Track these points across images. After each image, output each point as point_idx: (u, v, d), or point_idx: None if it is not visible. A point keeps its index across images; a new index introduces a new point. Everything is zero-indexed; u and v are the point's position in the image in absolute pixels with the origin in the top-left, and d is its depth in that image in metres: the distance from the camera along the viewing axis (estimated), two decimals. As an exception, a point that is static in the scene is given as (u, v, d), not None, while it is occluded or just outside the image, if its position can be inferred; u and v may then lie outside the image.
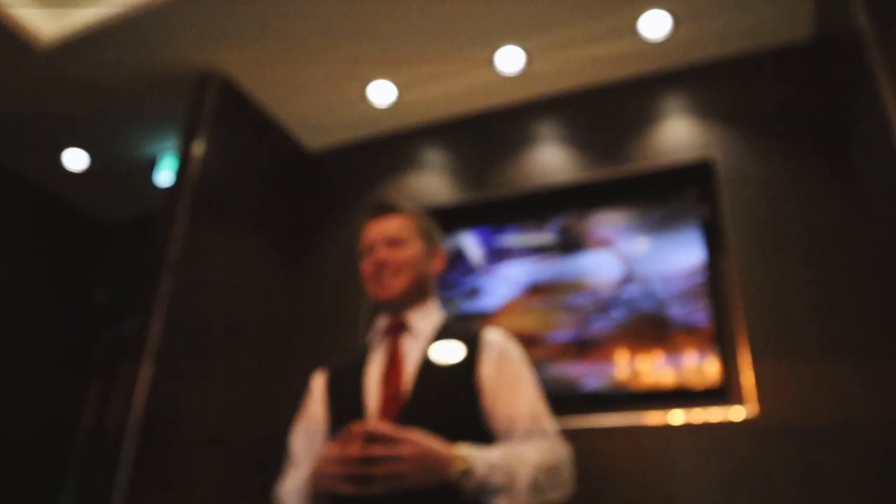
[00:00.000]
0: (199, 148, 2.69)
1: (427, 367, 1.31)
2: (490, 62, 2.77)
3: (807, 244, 2.24)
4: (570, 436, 2.37)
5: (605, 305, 2.47)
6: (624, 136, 2.72)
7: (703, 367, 2.24)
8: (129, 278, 3.59)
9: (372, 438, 1.08)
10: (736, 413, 2.12)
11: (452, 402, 1.26)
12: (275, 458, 2.67)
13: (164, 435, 2.32)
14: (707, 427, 2.14)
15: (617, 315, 2.44)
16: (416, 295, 1.44)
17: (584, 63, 2.77)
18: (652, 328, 2.36)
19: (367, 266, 1.45)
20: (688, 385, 2.24)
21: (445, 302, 2.60)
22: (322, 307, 2.96)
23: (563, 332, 2.48)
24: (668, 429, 2.20)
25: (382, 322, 1.46)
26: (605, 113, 2.81)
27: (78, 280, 3.79)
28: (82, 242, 3.91)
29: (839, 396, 2.00)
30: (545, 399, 1.34)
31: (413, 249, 1.45)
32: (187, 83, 2.87)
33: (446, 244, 2.78)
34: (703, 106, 2.63)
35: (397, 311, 1.43)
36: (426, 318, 1.43)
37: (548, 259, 2.64)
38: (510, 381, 1.29)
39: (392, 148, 3.18)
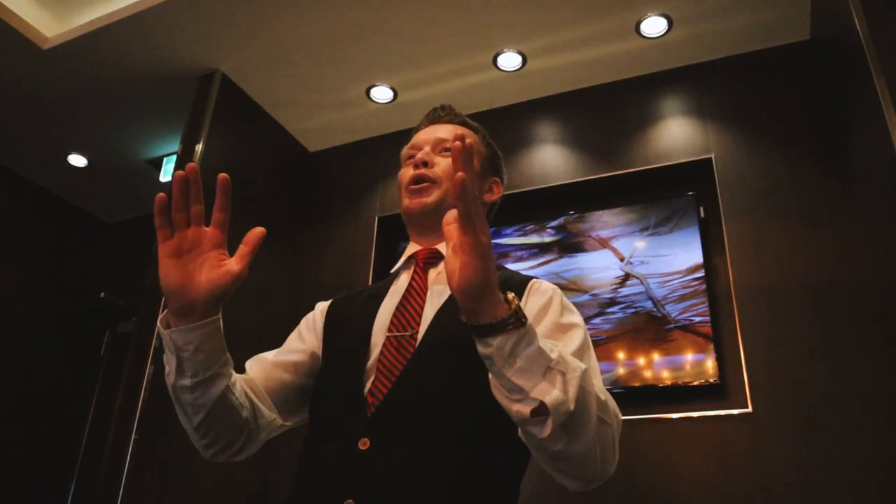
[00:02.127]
0: (200, 147, 2.70)
1: (452, 305, 0.99)
2: (490, 63, 2.78)
3: (804, 243, 2.25)
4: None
5: (604, 305, 2.48)
6: (623, 137, 2.73)
7: (700, 365, 2.25)
8: (129, 278, 3.60)
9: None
10: (733, 410, 2.13)
11: (476, 353, 0.85)
12: (276, 453, 2.69)
13: (165, 433, 2.33)
14: (705, 424, 2.16)
15: (616, 314, 2.45)
16: None
17: (584, 64, 2.78)
18: (650, 327, 2.37)
19: (404, 172, 1.17)
20: (686, 383, 2.25)
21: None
22: (322, 307, 2.96)
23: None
24: (666, 426, 2.21)
25: (410, 249, 1.17)
26: (605, 113, 2.82)
27: (78, 280, 3.80)
28: (83, 242, 3.92)
29: (834, 392, 2.01)
30: (599, 374, 0.98)
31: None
32: (189, 83, 2.88)
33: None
34: (701, 106, 2.65)
35: (429, 235, 1.14)
36: None
37: (548, 259, 2.65)
38: (558, 327, 0.96)
39: (392, 148, 3.18)
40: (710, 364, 2.23)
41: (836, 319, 2.10)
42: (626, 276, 2.49)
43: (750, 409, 2.10)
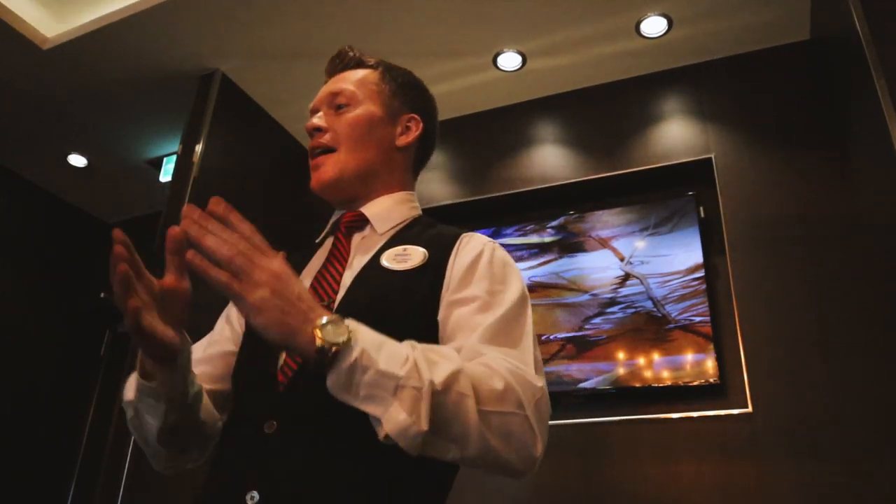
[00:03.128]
0: (200, 148, 2.70)
1: (372, 269, 0.91)
2: (490, 63, 2.78)
3: (804, 243, 2.25)
4: (571, 433, 2.40)
5: (604, 305, 2.48)
6: (623, 137, 2.73)
7: (700, 365, 2.25)
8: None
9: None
10: (733, 410, 2.13)
11: (398, 319, 0.84)
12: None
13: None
14: (705, 424, 2.16)
15: (616, 314, 2.45)
16: (368, 179, 1.02)
17: (584, 64, 2.78)
18: (650, 327, 2.37)
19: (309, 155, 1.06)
20: (686, 383, 2.25)
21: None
22: (322, 307, 2.96)
23: (562, 331, 2.49)
24: (666, 426, 2.21)
25: (335, 216, 1.08)
26: (605, 113, 2.82)
27: (78, 280, 3.79)
28: (83, 242, 3.92)
29: (833, 392, 2.01)
30: (531, 339, 0.84)
31: (362, 113, 1.03)
32: (189, 83, 2.88)
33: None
34: (701, 106, 2.65)
35: (348, 203, 1.04)
36: (392, 210, 1.02)
37: (548, 259, 2.65)
38: (479, 293, 0.84)
39: (392, 148, 3.19)
40: (710, 364, 2.23)
41: (836, 319, 2.11)
42: (626, 276, 2.49)
43: (750, 409, 2.10)
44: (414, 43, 2.69)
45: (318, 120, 1.04)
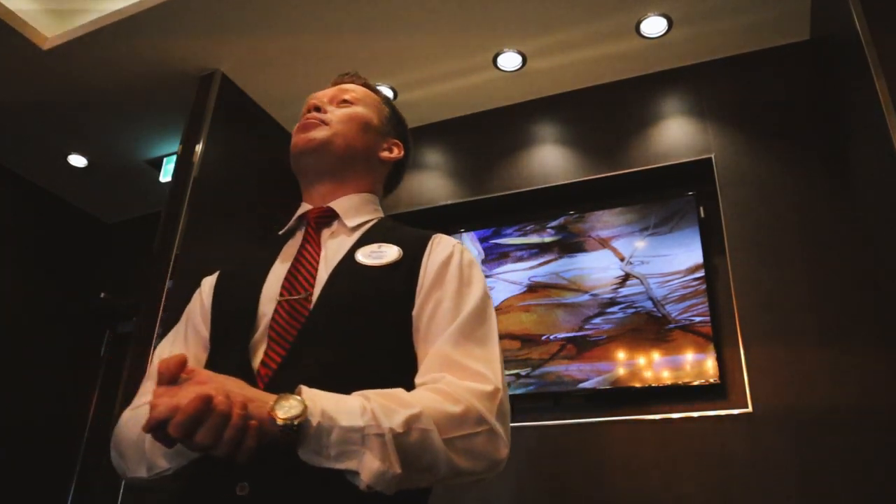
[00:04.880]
0: (200, 148, 2.70)
1: (348, 265, 0.94)
2: (490, 63, 2.78)
3: (804, 243, 2.25)
4: (571, 433, 2.40)
5: (604, 305, 2.48)
6: (623, 137, 2.73)
7: (700, 365, 2.25)
8: (129, 278, 3.60)
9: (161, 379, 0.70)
10: (733, 410, 2.13)
11: (376, 314, 0.89)
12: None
13: (165, 434, 2.33)
14: (705, 424, 2.16)
15: (616, 314, 2.45)
16: (346, 166, 1.06)
17: (584, 64, 2.78)
18: (650, 327, 2.37)
19: (297, 126, 1.08)
20: (686, 383, 2.25)
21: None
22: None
23: (562, 331, 2.49)
24: (666, 426, 2.21)
25: (301, 210, 1.09)
26: (605, 113, 2.82)
27: (78, 280, 3.80)
28: (83, 242, 3.92)
29: (833, 392, 2.01)
30: (494, 337, 0.91)
31: (362, 111, 1.10)
32: (189, 83, 2.88)
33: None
34: (701, 106, 2.65)
35: (319, 190, 1.07)
36: (360, 208, 1.06)
37: (547, 259, 2.65)
38: (448, 293, 0.90)
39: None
40: (710, 364, 2.24)
41: (837, 319, 2.11)
42: (626, 276, 2.49)
43: (750, 409, 2.10)
44: (414, 43, 2.69)
45: (318, 101, 1.09)
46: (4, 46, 2.68)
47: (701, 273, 2.37)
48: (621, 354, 2.38)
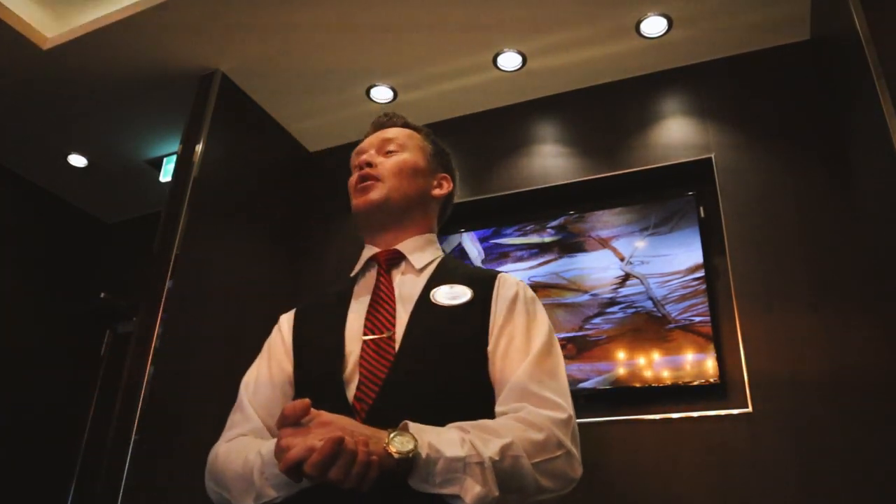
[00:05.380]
0: (200, 148, 2.70)
1: (425, 305, 1.03)
2: (490, 63, 2.78)
3: (804, 243, 2.25)
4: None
5: (604, 305, 2.48)
6: (623, 137, 2.73)
7: (700, 365, 2.25)
8: (129, 278, 3.60)
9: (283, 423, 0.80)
10: (733, 410, 2.13)
11: (457, 350, 0.99)
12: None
13: (166, 432, 2.33)
14: (705, 424, 2.16)
15: (616, 314, 2.45)
16: (405, 214, 1.15)
17: (584, 64, 2.78)
18: (650, 327, 2.37)
19: (352, 178, 1.17)
20: (686, 383, 2.25)
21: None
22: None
23: (562, 331, 2.49)
24: (666, 426, 2.21)
25: (368, 252, 1.17)
26: (605, 113, 2.82)
27: (78, 280, 3.80)
28: (83, 242, 3.92)
29: (834, 392, 2.01)
30: (562, 367, 1.04)
31: (409, 158, 1.18)
32: (189, 83, 2.88)
33: (444, 243, 2.78)
34: (701, 106, 2.65)
35: (383, 235, 1.16)
36: (423, 248, 1.16)
37: (548, 259, 2.65)
38: (519, 328, 1.02)
39: (392, 148, 3.18)
40: (710, 364, 2.24)
41: (837, 319, 2.10)
42: (627, 276, 2.49)
43: (750, 409, 2.10)
44: (414, 43, 2.69)
45: (368, 157, 1.17)
46: (4, 46, 2.68)
47: (701, 273, 2.37)
48: (621, 354, 2.38)
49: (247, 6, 2.51)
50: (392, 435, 0.78)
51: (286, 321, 1.17)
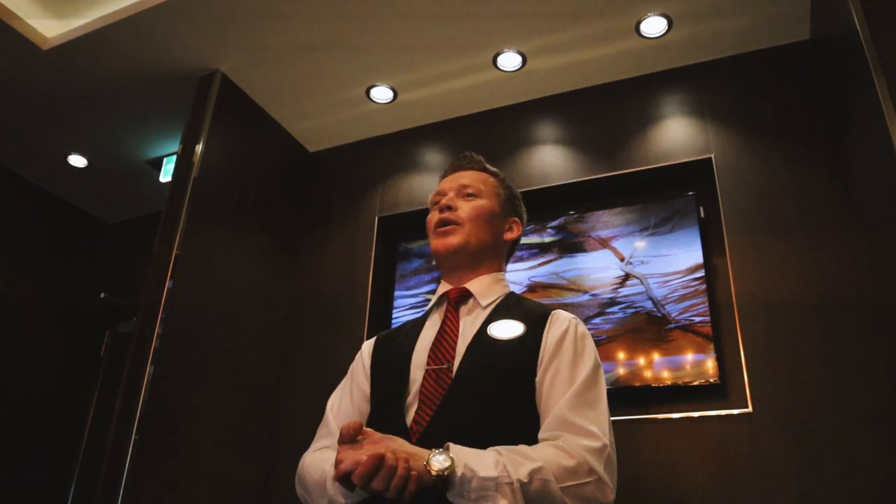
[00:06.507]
0: (200, 148, 2.70)
1: (482, 339, 1.17)
2: (490, 63, 2.78)
3: (804, 242, 2.25)
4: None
5: (604, 305, 2.48)
6: (623, 137, 2.73)
7: (700, 365, 2.25)
8: (129, 278, 3.60)
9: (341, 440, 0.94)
10: (733, 410, 2.13)
11: (507, 381, 1.10)
12: (276, 454, 2.68)
13: (166, 432, 2.33)
14: (705, 424, 2.16)
15: (616, 314, 2.45)
16: (479, 257, 1.30)
17: (584, 64, 2.78)
18: (650, 327, 2.37)
19: (432, 216, 1.33)
20: (686, 383, 2.25)
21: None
22: (322, 305, 2.97)
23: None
24: (666, 426, 2.21)
25: (442, 288, 1.32)
26: (605, 113, 2.82)
27: (78, 280, 3.80)
28: (83, 242, 3.92)
29: (834, 393, 2.01)
30: (603, 400, 1.14)
31: (486, 204, 1.32)
32: (189, 83, 2.88)
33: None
34: (701, 106, 2.65)
35: (458, 274, 1.30)
36: (491, 287, 1.29)
37: (548, 259, 2.66)
38: (565, 362, 1.11)
39: (392, 148, 3.19)
40: (710, 364, 2.24)
41: (836, 319, 2.10)
42: (626, 276, 2.49)
43: (750, 409, 2.10)
44: (414, 43, 2.69)
45: (449, 200, 1.31)
46: (4, 46, 2.69)
47: (701, 273, 2.37)
48: (621, 354, 2.38)
49: (247, 6, 2.51)
50: (433, 454, 0.90)
51: (367, 348, 1.33)
